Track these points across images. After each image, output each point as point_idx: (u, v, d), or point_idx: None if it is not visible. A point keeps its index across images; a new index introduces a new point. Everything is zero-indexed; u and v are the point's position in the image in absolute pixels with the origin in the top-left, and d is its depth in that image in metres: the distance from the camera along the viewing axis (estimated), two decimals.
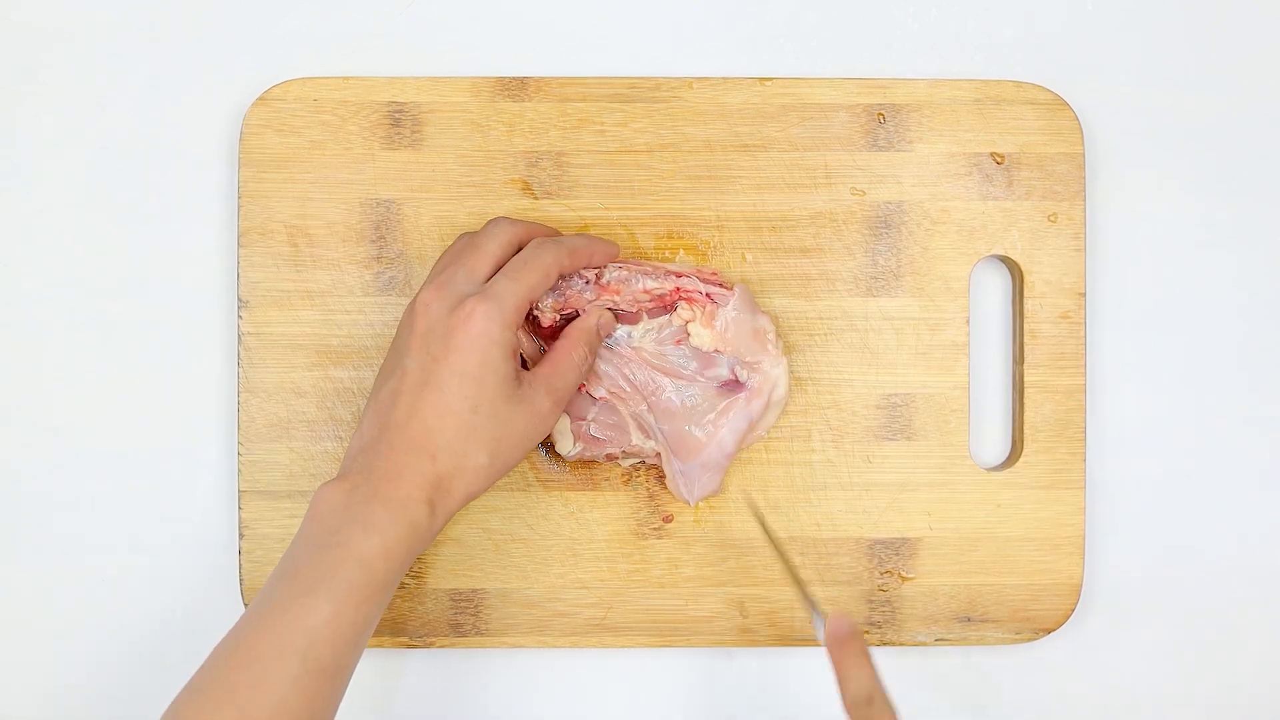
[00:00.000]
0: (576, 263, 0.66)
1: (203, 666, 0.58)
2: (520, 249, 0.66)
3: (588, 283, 0.67)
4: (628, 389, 0.68)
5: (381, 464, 0.61)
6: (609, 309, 0.67)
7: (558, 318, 0.67)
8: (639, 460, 0.70)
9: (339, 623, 0.58)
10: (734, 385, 0.68)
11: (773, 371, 0.68)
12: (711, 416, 0.68)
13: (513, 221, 0.67)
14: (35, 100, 0.72)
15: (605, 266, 0.67)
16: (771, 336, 0.68)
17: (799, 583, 0.66)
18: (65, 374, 0.72)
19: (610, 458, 0.69)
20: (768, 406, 0.69)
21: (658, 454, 0.69)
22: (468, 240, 0.67)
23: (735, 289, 0.68)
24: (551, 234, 0.68)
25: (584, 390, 0.68)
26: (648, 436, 0.68)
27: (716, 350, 0.68)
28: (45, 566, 0.72)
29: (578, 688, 0.73)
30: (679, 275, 0.68)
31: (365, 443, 0.62)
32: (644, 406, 0.68)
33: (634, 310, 0.68)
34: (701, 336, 0.68)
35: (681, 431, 0.68)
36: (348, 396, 0.70)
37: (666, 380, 0.68)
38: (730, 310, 0.68)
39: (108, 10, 0.73)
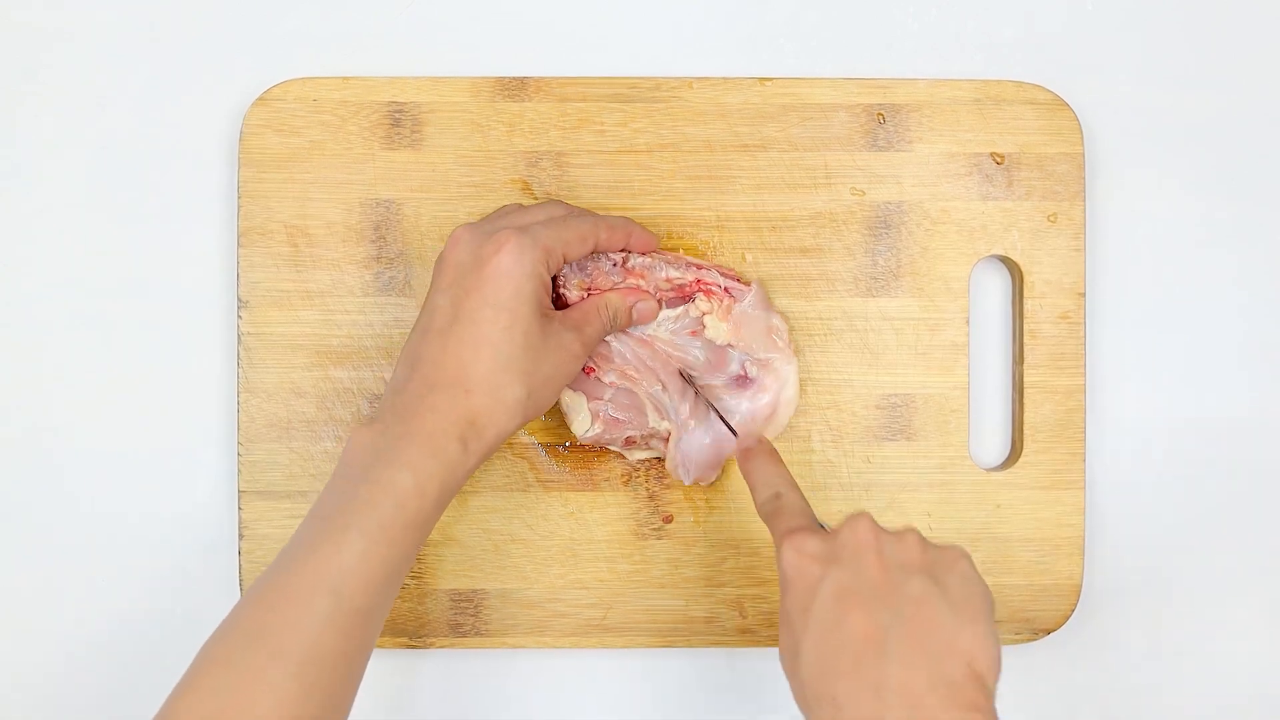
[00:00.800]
0: (614, 240, 0.66)
1: (233, 610, 0.57)
2: None
3: (615, 265, 0.67)
4: (641, 370, 0.68)
5: (414, 403, 0.60)
6: (655, 299, 0.68)
7: (584, 296, 0.67)
8: (651, 453, 0.70)
9: (371, 561, 0.57)
10: (743, 381, 0.69)
11: (784, 369, 0.69)
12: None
13: (567, 204, 0.67)
14: (35, 100, 0.72)
15: (631, 252, 0.67)
16: (784, 336, 0.69)
17: (711, 405, 0.67)
18: (65, 374, 0.72)
19: (629, 442, 0.69)
20: (777, 405, 0.69)
21: (669, 434, 0.69)
22: (514, 204, 0.67)
23: (752, 285, 0.68)
24: None
25: (592, 375, 0.68)
26: (662, 417, 0.68)
27: (730, 344, 0.68)
28: (45, 566, 0.72)
29: (578, 688, 0.73)
30: (700, 267, 0.68)
31: (398, 384, 0.61)
32: (658, 386, 0.68)
33: (655, 298, 0.68)
34: (717, 329, 0.68)
35: (686, 419, 0.69)
36: (348, 396, 0.70)
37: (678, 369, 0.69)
38: (746, 305, 0.68)
39: (108, 10, 0.73)
